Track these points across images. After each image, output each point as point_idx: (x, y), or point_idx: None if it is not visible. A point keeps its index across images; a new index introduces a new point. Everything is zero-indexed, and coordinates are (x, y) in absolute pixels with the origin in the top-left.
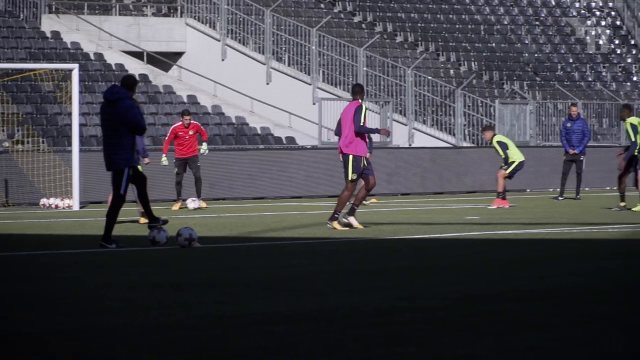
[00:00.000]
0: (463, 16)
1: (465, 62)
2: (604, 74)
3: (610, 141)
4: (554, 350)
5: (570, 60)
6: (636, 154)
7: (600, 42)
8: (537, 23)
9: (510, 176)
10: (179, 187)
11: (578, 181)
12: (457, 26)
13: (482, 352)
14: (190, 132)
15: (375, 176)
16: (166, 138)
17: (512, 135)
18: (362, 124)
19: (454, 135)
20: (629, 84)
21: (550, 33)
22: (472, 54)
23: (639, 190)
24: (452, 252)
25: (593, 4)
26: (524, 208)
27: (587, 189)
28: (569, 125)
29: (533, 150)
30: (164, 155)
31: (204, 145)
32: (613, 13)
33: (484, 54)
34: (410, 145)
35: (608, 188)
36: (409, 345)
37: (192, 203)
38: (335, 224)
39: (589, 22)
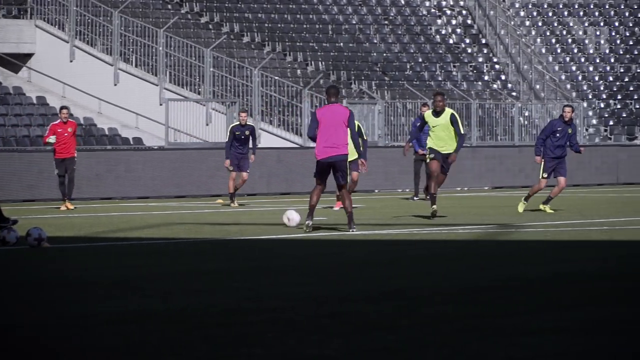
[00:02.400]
0: (310, 16)
1: (313, 62)
2: (454, 73)
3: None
4: (402, 351)
5: (420, 60)
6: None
7: (451, 41)
8: (386, 22)
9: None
10: (62, 187)
11: (417, 181)
12: (305, 26)
13: (330, 354)
14: (69, 129)
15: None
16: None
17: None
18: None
19: (300, 135)
20: (480, 83)
21: (400, 32)
22: (319, 53)
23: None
24: (300, 252)
25: (444, 3)
26: (373, 209)
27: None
28: (419, 125)
29: (382, 150)
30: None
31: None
32: (464, 12)
33: (332, 53)
34: (256, 145)
35: (459, 188)
36: (256, 346)
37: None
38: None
39: (439, 22)
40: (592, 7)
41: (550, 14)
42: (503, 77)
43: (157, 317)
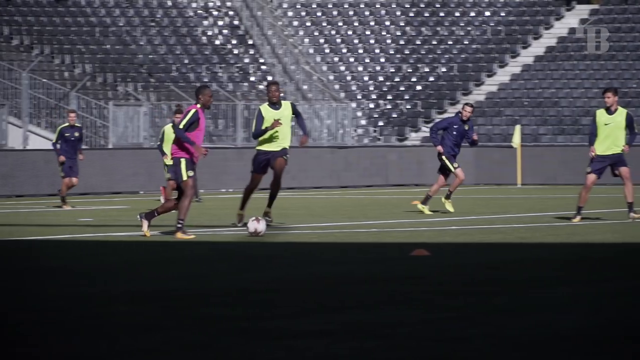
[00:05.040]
0: (78, 18)
1: (81, 64)
2: (220, 74)
3: (227, 142)
4: (169, 352)
5: (186, 61)
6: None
7: (217, 42)
8: (152, 24)
9: None
10: None
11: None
12: (73, 28)
13: (96, 355)
14: None
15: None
16: None
17: (125, 138)
18: (181, 127)
19: None
20: (246, 84)
21: (166, 34)
22: (86, 55)
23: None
24: (66, 253)
25: (211, 4)
26: (137, 210)
27: (202, 190)
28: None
29: (147, 152)
30: None
31: None
32: (231, 12)
33: (99, 55)
34: (25, 147)
35: (224, 190)
36: (20, 346)
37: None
38: (179, 234)
39: (206, 23)
40: (362, 6)
41: (319, 14)
42: (270, 78)
43: None
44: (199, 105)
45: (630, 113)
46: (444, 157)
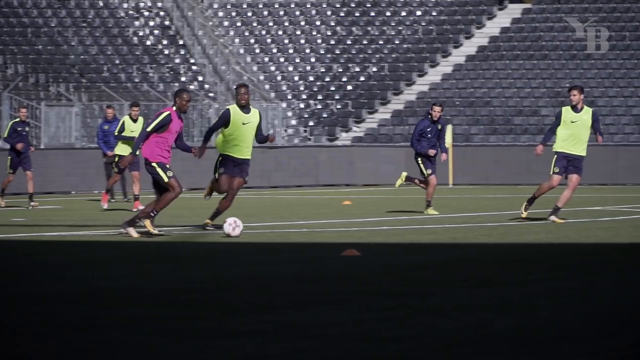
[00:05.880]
0: (11, 19)
1: (13, 65)
2: (151, 74)
3: None
4: (100, 352)
5: (117, 62)
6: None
7: (148, 42)
8: (84, 24)
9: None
10: None
11: (123, 184)
12: (5, 29)
13: (25, 355)
14: None
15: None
16: None
17: (57, 138)
18: (149, 130)
19: None
20: (177, 84)
21: (98, 34)
22: (18, 56)
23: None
24: None
25: (142, 4)
26: (70, 210)
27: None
28: (106, 127)
29: (79, 152)
30: None
31: None
32: (162, 13)
33: (31, 56)
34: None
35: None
36: None
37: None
38: (148, 222)
39: (137, 23)
40: (292, 6)
41: (249, 14)
42: (200, 78)
43: None
44: (174, 108)
45: (595, 111)
46: (419, 160)
